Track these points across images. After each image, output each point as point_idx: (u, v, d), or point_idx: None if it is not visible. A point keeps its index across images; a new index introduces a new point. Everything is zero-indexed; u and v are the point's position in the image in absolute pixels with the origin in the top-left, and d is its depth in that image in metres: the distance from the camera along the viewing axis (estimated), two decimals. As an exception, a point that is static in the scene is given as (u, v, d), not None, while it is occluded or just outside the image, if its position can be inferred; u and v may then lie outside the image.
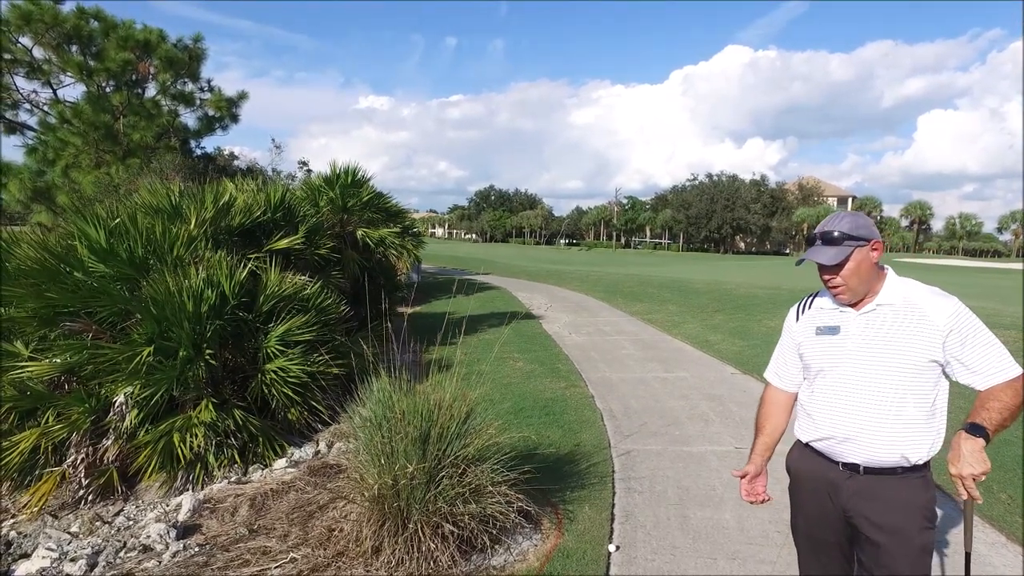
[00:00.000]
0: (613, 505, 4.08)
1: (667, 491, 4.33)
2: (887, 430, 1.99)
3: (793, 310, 2.34)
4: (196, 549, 3.73)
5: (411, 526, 3.22)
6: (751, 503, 2.38)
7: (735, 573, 3.29)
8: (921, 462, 2.00)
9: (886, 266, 2.12)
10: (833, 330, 2.12)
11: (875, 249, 2.04)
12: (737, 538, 3.67)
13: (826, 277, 2.07)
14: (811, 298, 2.29)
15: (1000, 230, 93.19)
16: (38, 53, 15.95)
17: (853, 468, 2.06)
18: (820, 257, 2.03)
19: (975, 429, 1.86)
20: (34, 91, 16.54)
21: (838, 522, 2.13)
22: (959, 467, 1.83)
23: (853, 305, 2.10)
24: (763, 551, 3.51)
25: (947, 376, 2.03)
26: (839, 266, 2.02)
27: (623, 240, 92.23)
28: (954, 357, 1.97)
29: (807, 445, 2.21)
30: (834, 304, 2.15)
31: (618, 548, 3.53)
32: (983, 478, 1.82)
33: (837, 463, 2.10)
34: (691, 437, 5.46)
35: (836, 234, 2.02)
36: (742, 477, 2.37)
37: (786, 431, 2.39)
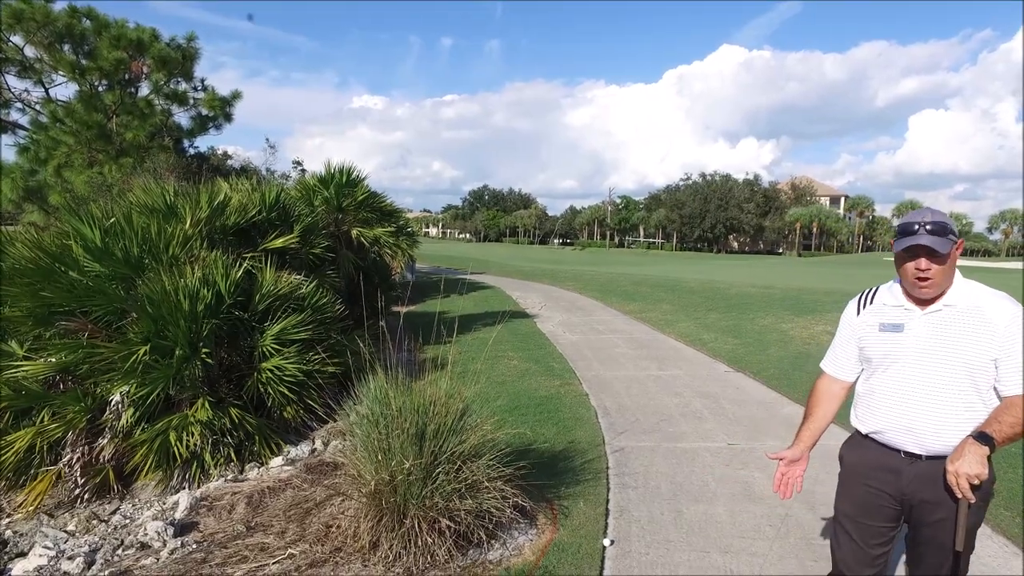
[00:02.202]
0: (608, 500, 4.12)
1: (661, 487, 4.38)
2: (945, 424, 2.07)
3: (853, 303, 2.36)
4: (194, 546, 3.75)
5: (408, 521, 3.26)
6: (781, 495, 2.40)
7: (728, 565, 3.34)
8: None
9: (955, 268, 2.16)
10: (897, 327, 2.17)
11: (958, 249, 2.09)
12: (730, 532, 3.72)
13: (923, 267, 2.06)
14: (872, 293, 2.32)
15: (990, 229, 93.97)
16: (29, 52, 15.88)
17: (913, 456, 2.14)
18: (935, 244, 2.02)
19: (983, 438, 1.94)
20: (25, 90, 16.48)
21: (889, 508, 2.20)
22: (957, 465, 1.92)
23: (922, 304, 2.13)
24: (755, 544, 3.56)
25: None
26: (942, 257, 2.03)
27: (617, 240, 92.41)
28: (997, 360, 2.03)
29: (866, 436, 2.27)
30: (897, 301, 2.19)
31: (613, 542, 3.57)
32: (976, 481, 1.91)
33: (898, 451, 2.17)
34: (684, 434, 5.51)
35: (946, 225, 2.05)
36: (779, 459, 2.40)
37: (831, 423, 2.45)
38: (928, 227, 2.04)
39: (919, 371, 2.12)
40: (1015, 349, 2.01)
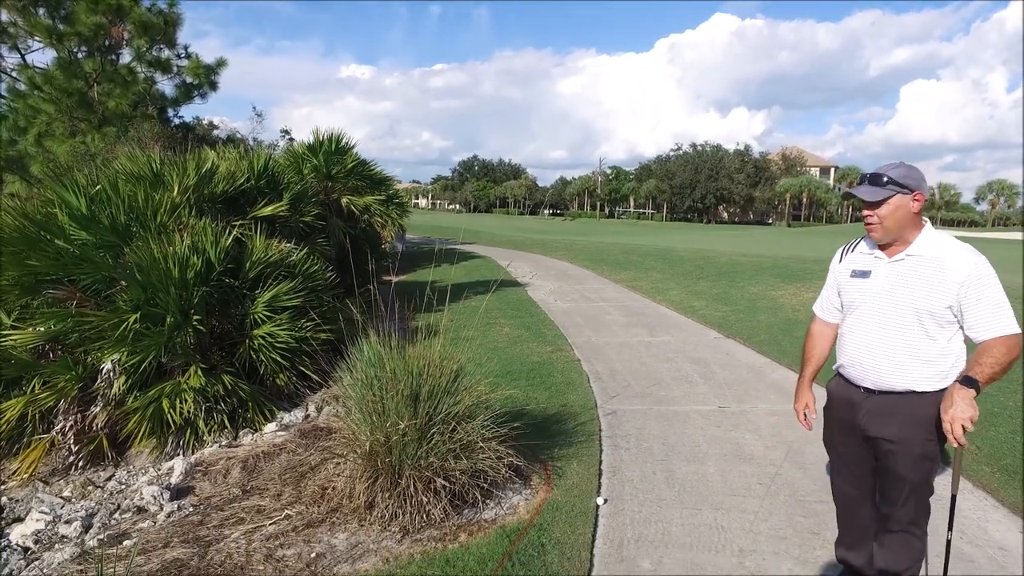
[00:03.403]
0: (600, 461, 4.18)
1: (653, 448, 4.44)
2: (895, 362, 2.28)
3: (838, 252, 2.60)
4: (190, 509, 3.78)
5: (403, 481, 3.29)
6: (807, 428, 2.73)
7: (719, 522, 3.41)
8: (929, 390, 2.25)
9: (926, 220, 2.34)
10: (864, 274, 2.40)
11: (916, 200, 2.25)
12: (721, 490, 3.79)
13: (865, 213, 2.30)
14: (855, 243, 2.54)
15: (977, 200, 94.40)
16: (3, 16, 15.39)
17: (868, 391, 2.37)
18: (861, 193, 2.28)
19: (968, 381, 2.08)
20: (0, 56, 16.01)
21: (858, 437, 2.42)
22: (952, 412, 2.03)
23: (887, 251, 2.34)
24: (745, 502, 3.63)
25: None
26: (877, 204, 2.25)
27: (607, 210, 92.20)
28: (962, 308, 2.19)
29: (839, 371, 2.53)
30: (870, 250, 2.41)
31: (606, 501, 3.63)
32: (971, 425, 2.01)
33: (859, 387, 2.40)
34: (676, 398, 5.57)
35: (884, 179, 2.25)
36: (802, 408, 2.72)
37: (828, 359, 2.70)
38: (868, 178, 2.29)
39: (878, 314, 2.33)
40: (979, 296, 2.16)
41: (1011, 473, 3.92)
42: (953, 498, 2.19)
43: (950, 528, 2.20)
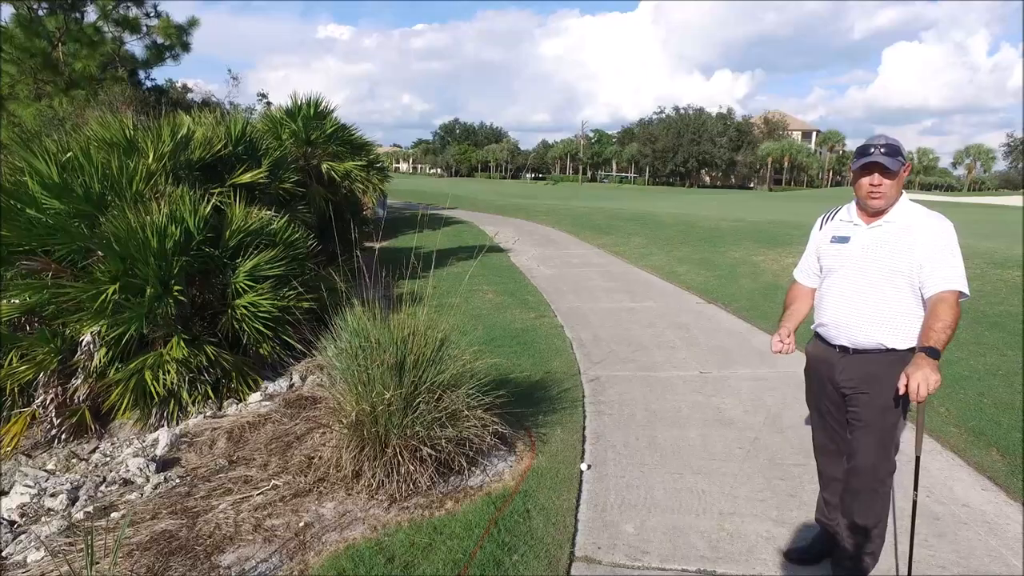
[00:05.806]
0: (584, 427, 4.25)
1: (636, 414, 4.52)
2: (869, 321, 2.41)
3: (818, 220, 2.73)
4: (177, 480, 3.79)
5: (389, 450, 3.32)
6: (781, 353, 2.65)
7: (699, 485, 3.50)
8: (901, 348, 2.37)
9: (903, 190, 2.45)
10: (844, 240, 2.52)
11: (906, 171, 2.39)
12: (702, 455, 3.88)
13: (876, 182, 2.36)
14: (834, 211, 2.66)
15: (955, 165, 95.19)
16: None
17: (844, 350, 2.50)
18: (887, 162, 2.32)
19: (932, 352, 2.18)
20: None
21: (835, 394, 2.56)
22: (920, 374, 2.12)
23: (867, 218, 2.46)
24: (726, 465, 3.73)
25: None
26: (893, 173, 2.34)
27: (589, 174, 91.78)
28: (922, 264, 2.31)
29: (816, 332, 2.65)
30: (850, 217, 2.53)
31: (590, 467, 3.71)
32: (934, 389, 2.11)
33: (835, 346, 2.53)
34: (658, 363, 5.65)
35: (898, 148, 2.35)
36: (780, 341, 2.66)
37: (807, 316, 2.78)
38: (883, 149, 2.35)
39: (855, 276, 2.46)
40: (939, 254, 2.30)
41: (977, 434, 4.06)
42: (917, 459, 2.29)
43: (915, 488, 2.30)
